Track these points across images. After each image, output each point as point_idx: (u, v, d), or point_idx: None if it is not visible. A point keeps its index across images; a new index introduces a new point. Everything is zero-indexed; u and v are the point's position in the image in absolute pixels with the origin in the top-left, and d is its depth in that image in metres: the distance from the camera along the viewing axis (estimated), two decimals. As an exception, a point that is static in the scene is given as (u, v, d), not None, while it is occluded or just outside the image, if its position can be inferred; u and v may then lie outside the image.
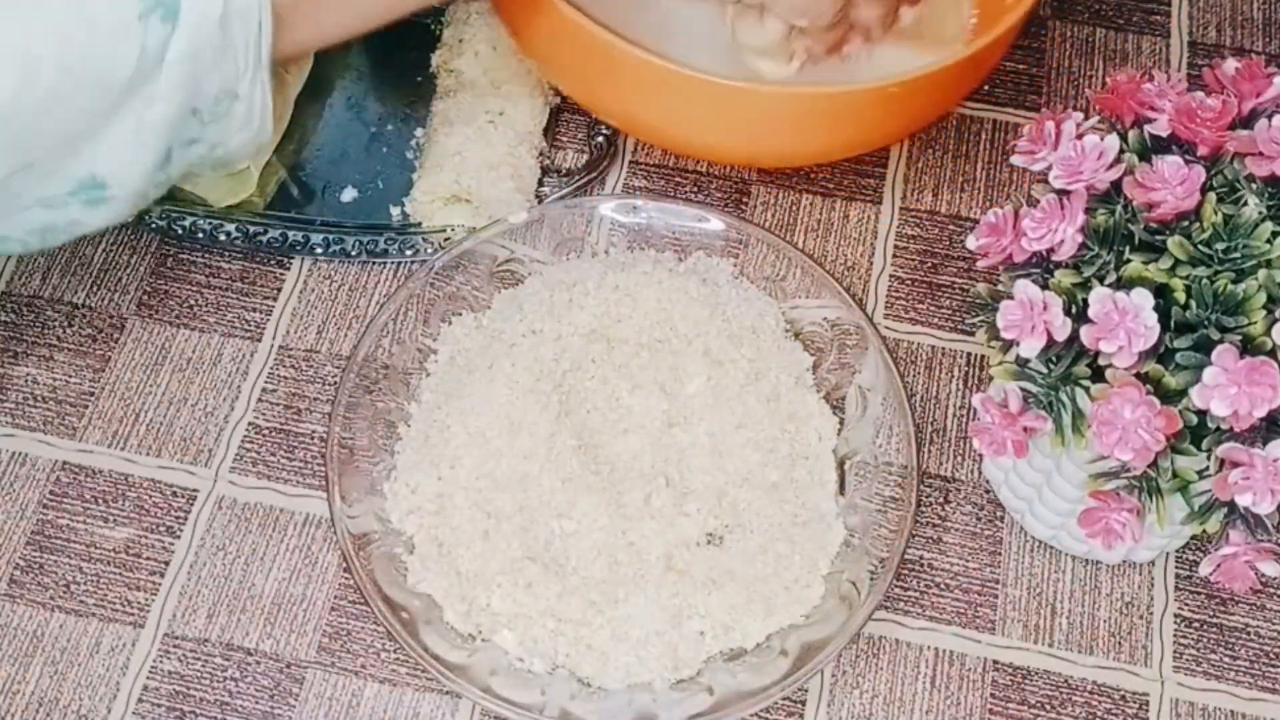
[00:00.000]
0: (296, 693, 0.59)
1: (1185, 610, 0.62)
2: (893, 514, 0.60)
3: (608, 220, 0.68)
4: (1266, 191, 0.52)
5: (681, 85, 0.61)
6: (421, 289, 0.65)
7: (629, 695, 0.57)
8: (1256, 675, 0.61)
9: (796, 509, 0.61)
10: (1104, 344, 0.50)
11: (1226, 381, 0.48)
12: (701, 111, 0.64)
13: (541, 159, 0.72)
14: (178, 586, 0.61)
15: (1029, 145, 0.55)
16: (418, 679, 0.59)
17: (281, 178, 0.72)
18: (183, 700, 0.59)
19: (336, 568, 0.62)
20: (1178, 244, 0.50)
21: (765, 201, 0.73)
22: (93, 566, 0.61)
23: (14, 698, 0.58)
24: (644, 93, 0.64)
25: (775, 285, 0.67)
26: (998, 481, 0.63)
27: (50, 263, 0.69)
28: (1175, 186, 0.51)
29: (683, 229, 0.68)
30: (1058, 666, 0.61)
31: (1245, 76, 0.54)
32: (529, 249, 0.67)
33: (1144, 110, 0.54)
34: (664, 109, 0.65)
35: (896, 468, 0.61)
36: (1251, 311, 0.49)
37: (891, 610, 0.62)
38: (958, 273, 0.71)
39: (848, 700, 0.60)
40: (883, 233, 0.72)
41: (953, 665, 0.61)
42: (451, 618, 0.58)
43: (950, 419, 0.67)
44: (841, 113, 0.64)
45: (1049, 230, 0.52)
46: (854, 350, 0.64)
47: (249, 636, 0.60)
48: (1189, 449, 0.50)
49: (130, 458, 0.64)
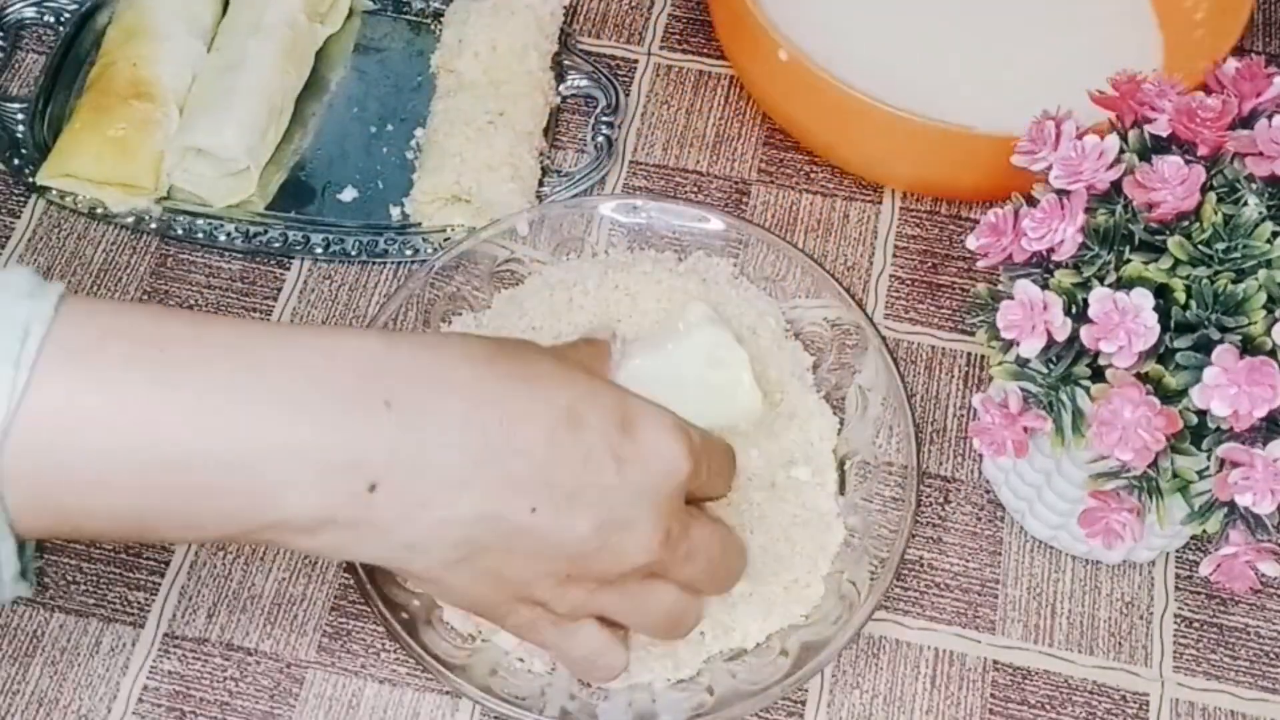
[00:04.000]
0: (296, 693, 0.59)
1: (1185, 610, 0.62)
2: (893, 514, 0.60)
3: (608, 220, 0.68)
4: (1266, 191, 0.52)
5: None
6: (421, 289, 0.65)
7: (629, 695, 0.57)
8: (1256, 675, 0.61)
9: (796, 509, 0.61)
10: (1104, 344, 0.50)
11: (1226, 381, 0.48)
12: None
13: (541, 159, 0.72)
14: (178, 586, 0.61)
15: (1029, 145, 0.55)
16: (418, 679, 0.59)
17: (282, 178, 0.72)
18: (183, 700, 0.59)
19: (336, 568, 0.62)
20: (1178, 244, 0.50)
21: (765, 201, 0.73)
22: (93, 566, 0.61)
23: (14, 698, 0.58)
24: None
25: (775, 285, 0.67)
26: (998, 481, 0.63)
27: (50, 263, 0.69)
28: (1175, 186, 0.51)
29: (683, 229, 0.68)
30: (1058, 666, 0.61)
31: (1245, 76, 0.54)
32: (529, 249, 0.67)
33: (1144, 110, 0.54)
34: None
35: (896, 468, 0.61)
36: (1251, 311, 0.49)
37: (891, 610, 0.62)
38: (958, 273, 0.71)
39: (848, 700, 0.60)
40: (883, 233, 0.72)
41: (953, 665, 0.61)
42: (451, 618, 0.58)
43: (950, 419, 0.67)
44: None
45: (1049, 230, 0.52)
46: (854, 350, 0.64)
47: (249, 636, 0.60)
48: (1189, 449, 0.50)
49: (130, 458, 0.64)
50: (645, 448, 0.49)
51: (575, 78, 0.76)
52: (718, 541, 0.53)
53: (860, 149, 0.71)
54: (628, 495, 0.48)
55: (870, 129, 0.68)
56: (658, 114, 0.76)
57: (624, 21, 0.79)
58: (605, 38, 0.78)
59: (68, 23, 0.75)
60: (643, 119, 0.75)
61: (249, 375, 0.44)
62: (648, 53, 0.78)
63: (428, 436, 0.46)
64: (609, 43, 0.78)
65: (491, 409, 0.47)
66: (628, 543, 0.49)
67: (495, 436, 0.47)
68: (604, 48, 0.78)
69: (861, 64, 0.70)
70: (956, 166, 0.68)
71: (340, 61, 0.77)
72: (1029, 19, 0.76)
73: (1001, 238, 0.54)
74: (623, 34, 0.78)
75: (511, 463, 0.47)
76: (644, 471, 0.49)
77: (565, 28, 0.77)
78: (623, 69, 0.77)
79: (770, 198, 0.73)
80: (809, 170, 0.74)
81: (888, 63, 0.73)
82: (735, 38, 0.73)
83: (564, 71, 0.76)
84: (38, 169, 0.70)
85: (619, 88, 0.75)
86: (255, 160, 0.70)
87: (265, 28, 0.72)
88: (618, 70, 0.77)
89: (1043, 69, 0.73)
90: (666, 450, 0.50)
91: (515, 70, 0.73)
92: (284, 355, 0.45)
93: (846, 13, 0.75)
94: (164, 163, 0.70)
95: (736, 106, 0.76)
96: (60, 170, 0.69)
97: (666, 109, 0.76)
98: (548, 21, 0.75)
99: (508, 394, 0.48)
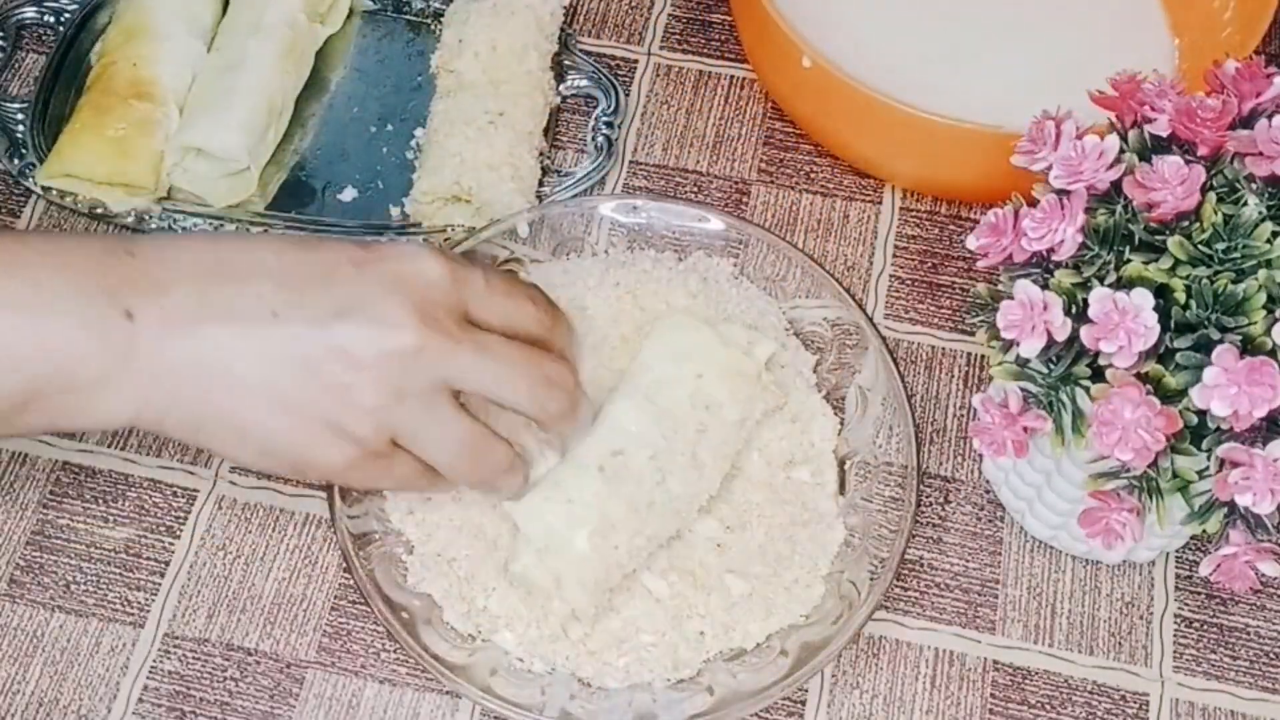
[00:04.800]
0: (296, 693, 0.59)
1: (1185, 610, 0.62)
2: (893, 514, 0.60)
3: (608, 220, 0.68)
4: (1266, 191, 0.51)
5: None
6: (421, 289, 0.65)
7: (629, 695, 0.57)
8: (1256, 675, 0.61)
9: (796, 509, 0.61)
10: (1104, 344, 0.50)
11: (1226, 381, 0.48)
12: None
13: (541, 159, 0.72)
14: (178, 586, 0.61)
15: (1029, 145, 0.55)
16: (418, 679, 0.59)
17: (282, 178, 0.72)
18: (183, 700, 0.59)
19: (336, 568, 0.62)
20: (1178, 244, 0.50)
21: (765, 201, 0.73)
22: (93, 566, 0.61)
23: (14, 698, 0.58)
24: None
25: (775, 285, 0.67)
26: (998, 481, 0.63)
27: (50, 263, 0.69)
28: (1175, 186, 0.51)
29: (683, 229, 0.68)
30: (1058, 666, 0.61)
31: (1245, 76, 0.54)
32: (529, 249, 0.67)
33: (1144, 110, 0.54)
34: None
35: (896, 468, 0.61)
36: (1251, 311, 0.49)
37: (891, 610, 0.62)
38: (958, 273, 0.71)
39: (848, 700, 0.60)
40: (883, 233, 0.72)
41: (953, 665, 0.61)
42: (451, 618, 0.58)
43: (950, 419, 0.67)
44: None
45: (1049, 230, 0.52)
46: (854, 350, 0.64)
47: (249, 636, 0.60)
48: (1189, 449, 0.50)
49: (130, 457, 0.64)
50: (385, 252, 0.53)
51: (575, 78, 0.76)
52: (516, 346, 0.54)
53: (879, 148, 0.71)
54: (371, 288, 0.52)
55: (885, 127, 0.68)
56: (658, 114, 0.76)
57: (624, 21, 0.79)
58: (605, 38, 0.78)
59: (68, 23, 0.75)
60: (643, 119, 0.75)
61: (8, 279, 0.49)
62: (648, 53, 0.78)
63: (168, 270, 0.51)
64: (609, 43, 0.78)
65: (229, 241, 0.54)
66: (381, 330, 0.51)
67: (230, 255, 0.52)
68: (604, 48, 0.78)
69: (875, 63, 0.70)
70: (981, 167, 0.68)
71: (340, 61, 0.77)
72: (1042, 18, 0.76)
73: (1001, 238, 0.54)
74: (623, 34, 0.78)
75: (249, 279, 0.51)
76: (387, 269, 0.52)
77: (565, 28, 0.77)
78: (623, 69, 0.77)
79: (770, 198, 0.73)
80: (809, 170, 0.74)
81: (903, 62, 0.72)
82: (756, 39, 0.73)
83: (564, 71, 0.76)
84: (38, 169, 0.70)
85: (619, 88, 0.75)
86: (255, 160, 0.70)
87: (265, 28, 0.72)
88: (618, 70, 0.77)
89: (1061, 68, 0.73)
90: (410, 251, 0.53)
91: (515, 70, 0.73)
92: (42, 243, 0.51)
93: (862, 12, 0.75)
94: (164, 163, 0.70)
95: (737, 106, 0.76)
96: (60, 170, 0.69)
97: (666, 109, 0.76)
98: (548, 21, 0.75)
99: (239, 237, 0.57)
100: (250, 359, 0.51)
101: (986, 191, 0.69)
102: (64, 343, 0.49)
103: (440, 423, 0.53)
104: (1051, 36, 0.75)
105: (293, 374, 0.51)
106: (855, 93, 0.66)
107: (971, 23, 0.76)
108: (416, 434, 0.53)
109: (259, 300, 0.51)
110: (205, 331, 0.51)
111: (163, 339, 0.50)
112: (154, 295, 0.50)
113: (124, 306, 0.49)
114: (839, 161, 0.74)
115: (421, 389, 0.52)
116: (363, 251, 0.53)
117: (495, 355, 0.53)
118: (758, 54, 0.74)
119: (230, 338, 0.51)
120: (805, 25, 0.69)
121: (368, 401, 0.52)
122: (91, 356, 0.49)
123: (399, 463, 0.54)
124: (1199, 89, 0.55)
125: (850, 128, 0.71)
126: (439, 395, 0.53)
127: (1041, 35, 0.75)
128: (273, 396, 0.51)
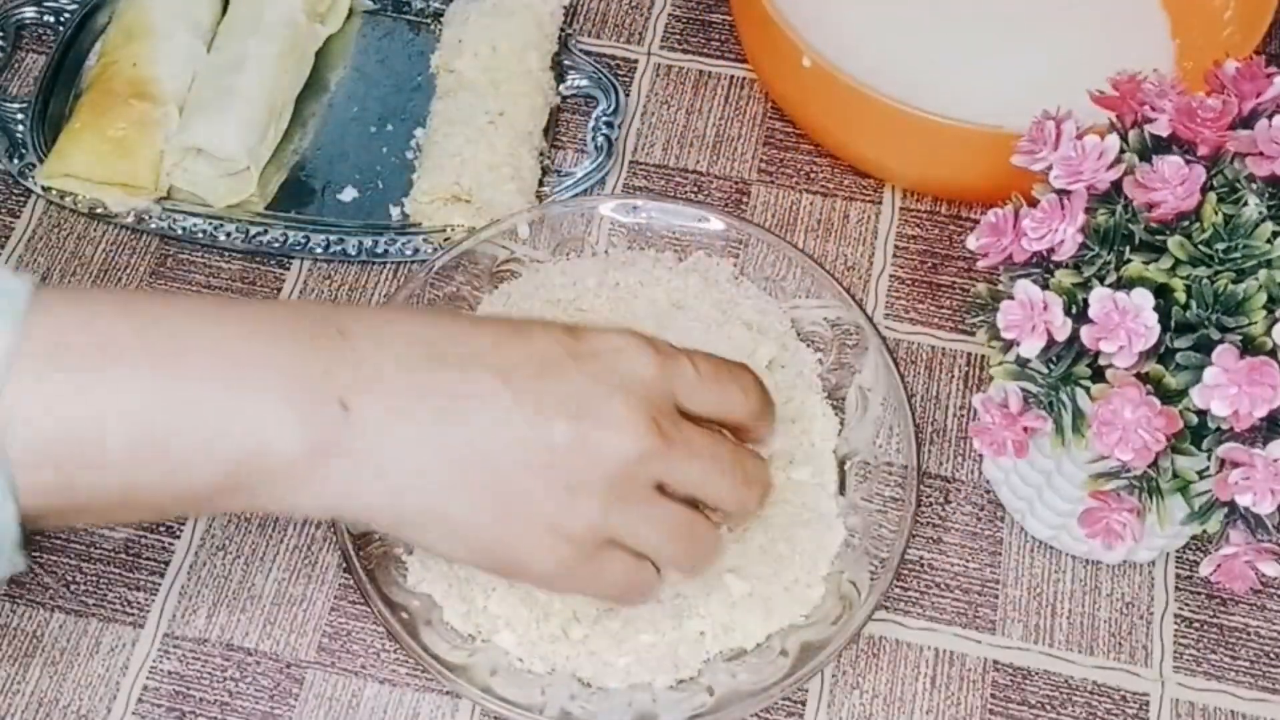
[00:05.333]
0: (296, 693, 0.59)
1: (1185, 610, 0.62)
2: (893, 514, 0.60)
3: (608, 220, 0.68)
4: (1266, 191, 0.51)
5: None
6: (421, 289, 0.65)
7: (629, 695, 0.57)
8: (1257, 675, 0.61)
9: (796, 509, 0.61)
10: (1104, 344, 0.50)
11: (1227, 381, 0.48)
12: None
13: (541, 159, 0.72)
14: (178, 586, 0.61)
15: (1029, 145, 0.55)
16: (418, 679, 0.59)
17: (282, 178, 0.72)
18: (183, 700, 0.59)
19: (336, 568, 0.62)
20: (1178, 244, 0.50)
21: (765, 201, 0.73)
22: (93, 566, 0.61)
23: (14, 698, 0.58)
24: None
25: (775, 285, 0.67)
26: (998, 481, 0.63)
27: (50, 264, 0.69)
28: (1175, 186, 0.51)
29: (683, 229, 0.68)
30: (1058, 667, 0.61)
31: (1245, 76, 0.54)
32: (529, 249, 0.67)
33: (1144, 110, 0.54)
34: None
35: (896, 468, 0.61)
36: (1252, 311, 0.49)
37: (891, 610, 0.62)
38: (958, 273, 0.71)
39: (848, 700, 0.60)
40: (883, 233, 0.72)
41: (953, 665, 0.61)
42: (451, 618, 0.58)
43: (950, 419, 0.67)
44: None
45: (1049, 230, 0.52)
46: (854, 350, 0.64)
47: (249, 636, 0.60)
48: (1189, 449, 0.50)
49: (130, 458, 0.64)
50: (599, 343, 0.51)
51: (575, 78, 0.76)
52: (722, 445, 0.53)
53: (879, 148, 0.71)
54: (594, 388, 0.50)
55: (885, 127, 0.67)
56: (658, 114, 0.76)
57: (624, 21, 0.79)
58: (605, 38, 0.78)
59: (68, 23, 0.75)
60: (643, 119, 0.75)
61: (215, 357, 0.46)
62: (648, 53, 0.78)
63: (384, 354, 0.48)
64: (609, 43, 0.78)
65: (442, 325, 0.51)
66: (610, 435, 0.50)
67: (444, 342, 0.50)
68: (604, 48, 0.78)
69: (875, 63, 0.70)
70: (981, 167, 0.67)
71: (340, 61, 0.77)
72: (1042, 18, 0.76)
73: (1002, 238, 0.54)
74: (623, 34, 0.78)
75: (468, 367, 0.49)
76: (604, 365, 0.50)
77: (565, 28, 0.77)
78: (623, 69, 0.77)
79: (770, 198, 0.73)
80: (809, 170, 0.74)
81: (903, 63, 0.72)
82: (756, 39, 0.73)
83: (564, 71, 0.76)
84: (38, 169, 0.70)
85: (619, 88, 0.75)
86: (255, 160, 0.70)
87: (265, 28, 0.72)
88: (618, 70, 0.77)
89: (1061, 68, 0.73)
90: (621, 342, 0.51)
91: (515, 70, 0.73)
92: (245, 314, 0.48)
93: (862, 12, 0.75)
94: (164, 163, 0.70)
95: (737, 106, 0.76)
96: (60, 170, 0.69)
97: (666, 109, 0.76)
98: (548, 21, 0.75)
99: (451, 318, 0.54)
100: (473, 458, 0.49)
101: (986, 191, 0.68)
102: (275, 434, 0.46)
103: (657, 514, 0.52)
104: (1051, 36, 0.75)
105: (518, 474, 0.49)
106: (855, 93, 0.66)
107: (971, 23, 0.76)
108: (635, 529, 0.52)
109: (479, 394, 0.49)
110: (426, 429, 0.48)
111: (380, 433, 0.47)
112: (369, 383, 0.47)
113: (338, 395, 0.46)
114: (839, 161, 0.74)
115: (640, 487, 0.51)
116: (575, 342, 0.51)
117: (702, 456, 0.52)
118: (758, 54, 0.74)
119: (452, 435, 0.48)
120: (805, 25, 0.69)
121: (594, 503, 0.50)
122: (301, 445, 0.46)
123: (609, 561, 0.52)
124: (1199, 89, 0.55)
125: (850, 128, 0.71)
126: (652, 489, 0.52)
127: (1041, 35, 0.75)
128: (495, 496, 0.49)
